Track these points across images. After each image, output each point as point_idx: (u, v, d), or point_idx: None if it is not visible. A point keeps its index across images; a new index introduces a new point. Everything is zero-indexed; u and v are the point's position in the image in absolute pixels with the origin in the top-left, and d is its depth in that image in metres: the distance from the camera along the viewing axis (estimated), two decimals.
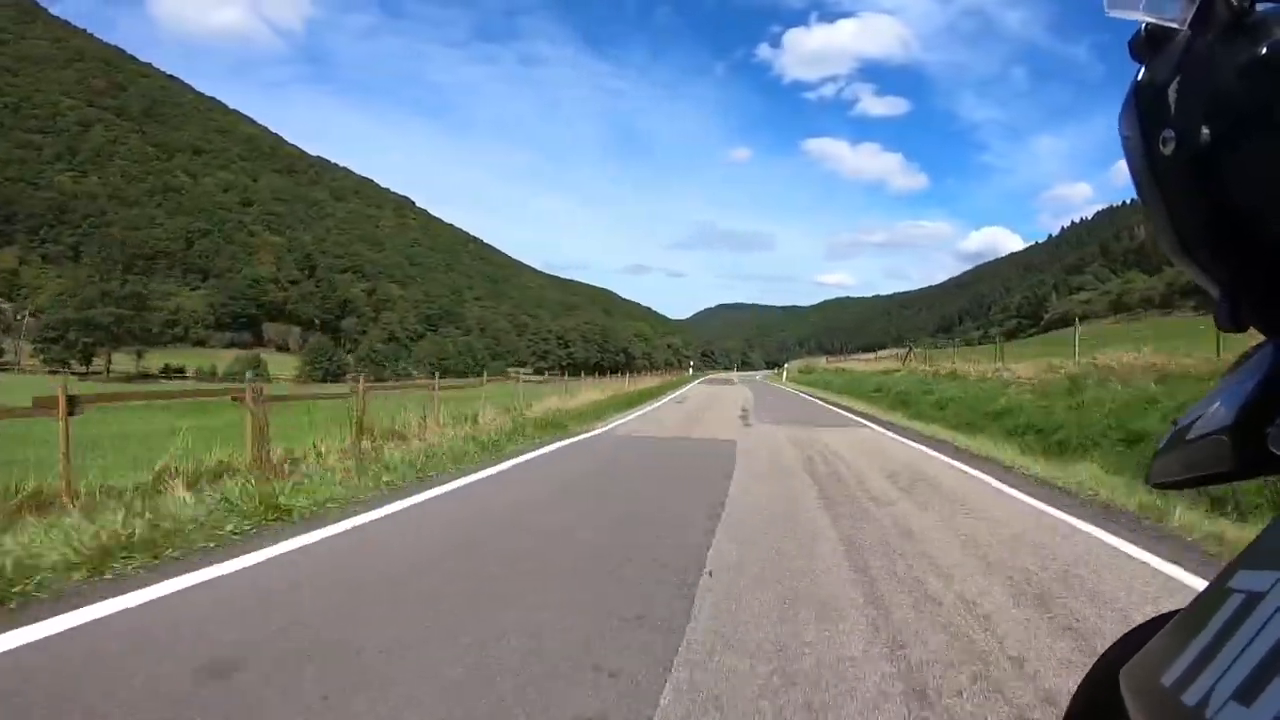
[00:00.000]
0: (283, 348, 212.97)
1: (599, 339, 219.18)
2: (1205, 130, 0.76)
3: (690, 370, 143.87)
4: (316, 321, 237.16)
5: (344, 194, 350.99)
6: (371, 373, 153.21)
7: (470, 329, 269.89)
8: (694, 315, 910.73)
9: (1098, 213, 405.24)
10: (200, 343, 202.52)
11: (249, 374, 57.18)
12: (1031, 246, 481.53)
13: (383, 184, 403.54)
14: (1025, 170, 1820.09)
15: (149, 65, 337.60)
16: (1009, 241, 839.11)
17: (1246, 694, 0.61)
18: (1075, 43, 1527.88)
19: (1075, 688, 1.15)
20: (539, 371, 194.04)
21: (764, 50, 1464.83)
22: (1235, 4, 0.75)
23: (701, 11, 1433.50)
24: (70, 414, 7.42)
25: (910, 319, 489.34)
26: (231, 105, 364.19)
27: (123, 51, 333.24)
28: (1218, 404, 0.85)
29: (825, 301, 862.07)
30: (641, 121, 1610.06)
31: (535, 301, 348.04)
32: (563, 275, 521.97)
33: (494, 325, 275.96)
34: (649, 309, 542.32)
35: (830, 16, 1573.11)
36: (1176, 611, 0.87)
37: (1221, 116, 0.76)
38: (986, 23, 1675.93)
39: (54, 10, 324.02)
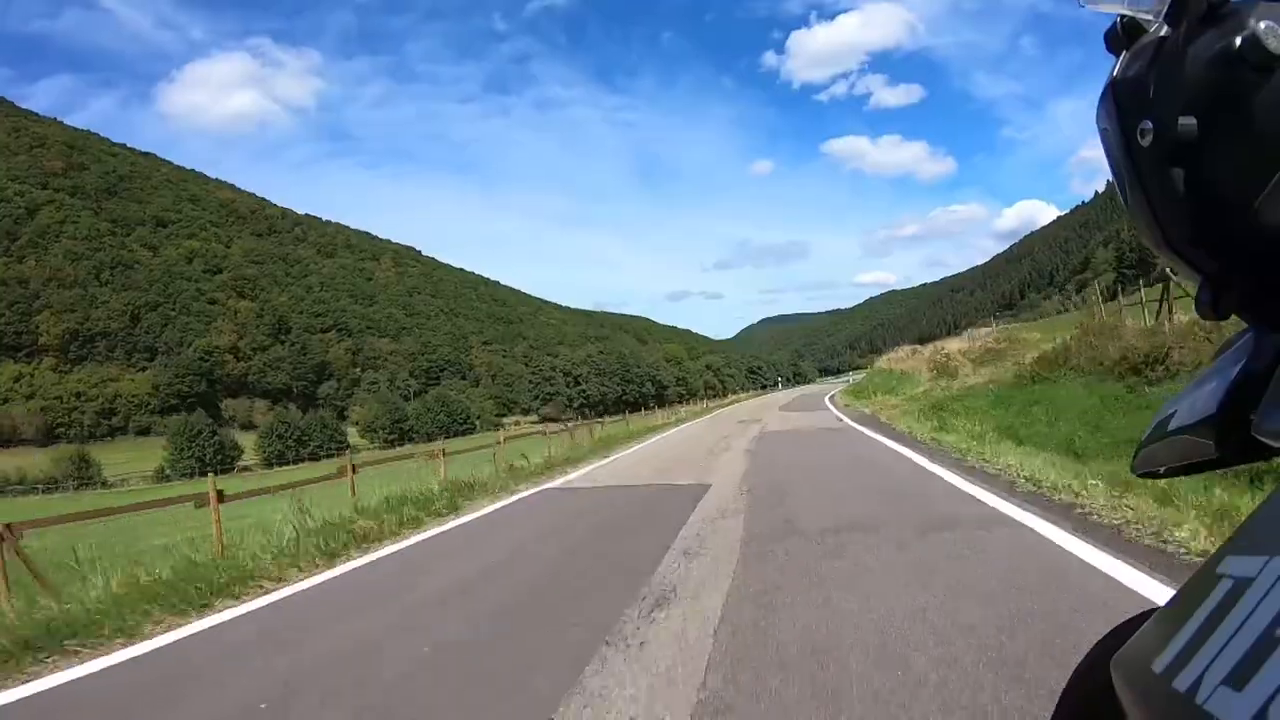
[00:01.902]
0: (249, 426, 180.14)
1: (619, 369, 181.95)
2: (1182, 121, 0.76)
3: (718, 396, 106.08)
4: (294, 389, 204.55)
5: (333, 249, 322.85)
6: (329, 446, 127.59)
7: (479, 378, 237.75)
8: (738, 333, 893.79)
9: None
10: (145, 431, 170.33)
11: None
12: (1077, 208, 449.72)
13: (381, 234, 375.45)
14: (1049, 138, 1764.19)
15: (121, 145, 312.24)
16: (1044, 213, 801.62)
17: (1238, 678, 0.61)
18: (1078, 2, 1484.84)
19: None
20: (547, 419, 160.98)
21: (770, 58, 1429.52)
22: None
23: (703, 30, 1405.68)
24: None
25: (963, 302, 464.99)
26: (236, 181, 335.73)
27: (94, 134, 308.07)
28: (1201, 392, 0.85)
29: (870, 300, 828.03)
30: (662, 149, 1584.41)
31: (555, 338, 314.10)
32: (588, 309, 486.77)
33: (506, 370, 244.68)
34: (689, 332, 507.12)
35: (829, 14, 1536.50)
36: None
37: (1198, 107, 0.76)
38: None
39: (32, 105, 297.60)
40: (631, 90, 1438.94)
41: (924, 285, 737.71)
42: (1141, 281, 30.07)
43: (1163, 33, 0.82)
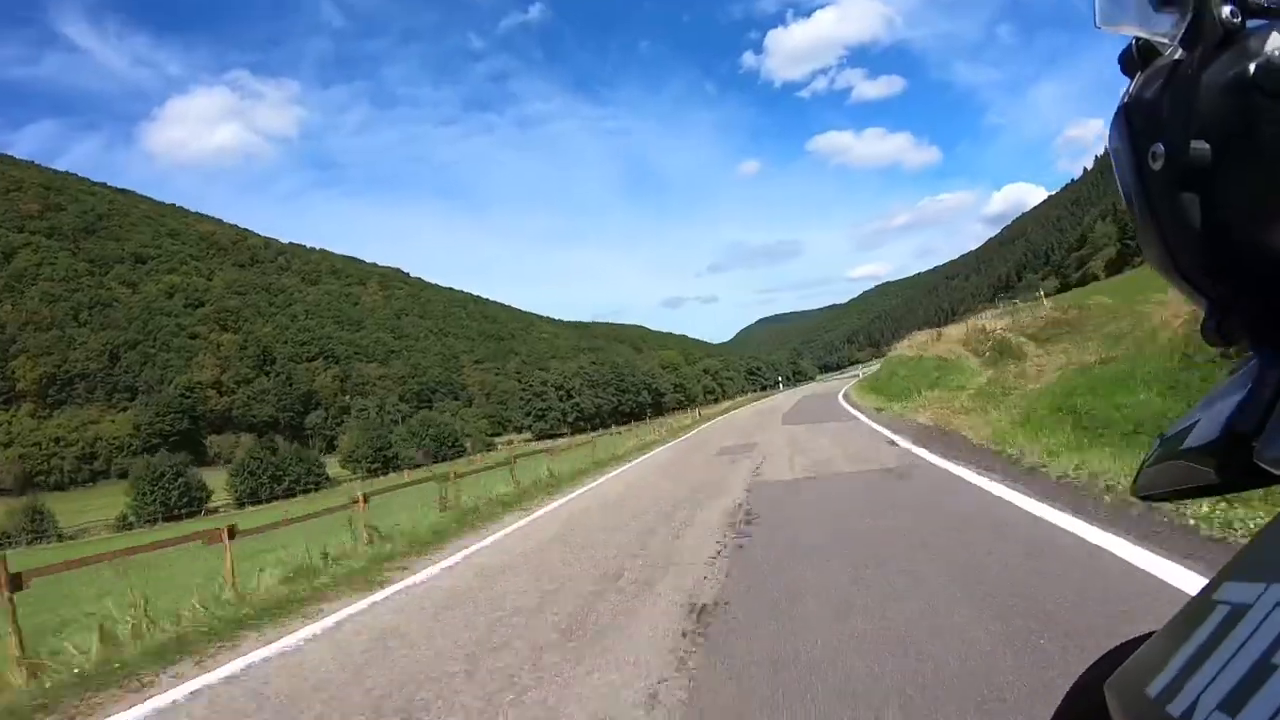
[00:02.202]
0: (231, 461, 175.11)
1: (613, 380, 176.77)
2: (1194, 146, 0.75)
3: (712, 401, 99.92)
4: (281, 421, 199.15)
5: (317, 276, 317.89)
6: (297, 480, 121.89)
7: (473, 397, 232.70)
8: (735, 336, 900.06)
9: None
10: (125, 474, 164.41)
11: None
12: (1067, 186, 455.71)
13: (368, 259, 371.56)
14: (1032, 121, 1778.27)
15: (100, 184, 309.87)
16: (1032, 195, 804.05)
17: (1232, 705, 0.61)
18: None
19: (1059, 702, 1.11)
20: (543, 435, 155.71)
21: (749, 59, 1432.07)
22: (1226, 21, 0.74)
23: (681, 35, 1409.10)
24: None
25: (959, 288, 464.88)
26: (219, 214, 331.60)
27: (71, 175, 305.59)
28: (1204, 417, 0.84)
29: (864, 293, 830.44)
30: (648, 158, 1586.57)
31: (549, 352, 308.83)
32: (583, 321, 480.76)
33: (500, 387, 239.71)
34: (686, 338, 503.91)
35: (806, 10, 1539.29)
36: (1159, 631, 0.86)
37: (1210, 133, 0.74)
38: None
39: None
40: (613, 101, 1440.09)
41: (918, 275, 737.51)
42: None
43: (1178, 56, 0.81)
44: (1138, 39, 0.88)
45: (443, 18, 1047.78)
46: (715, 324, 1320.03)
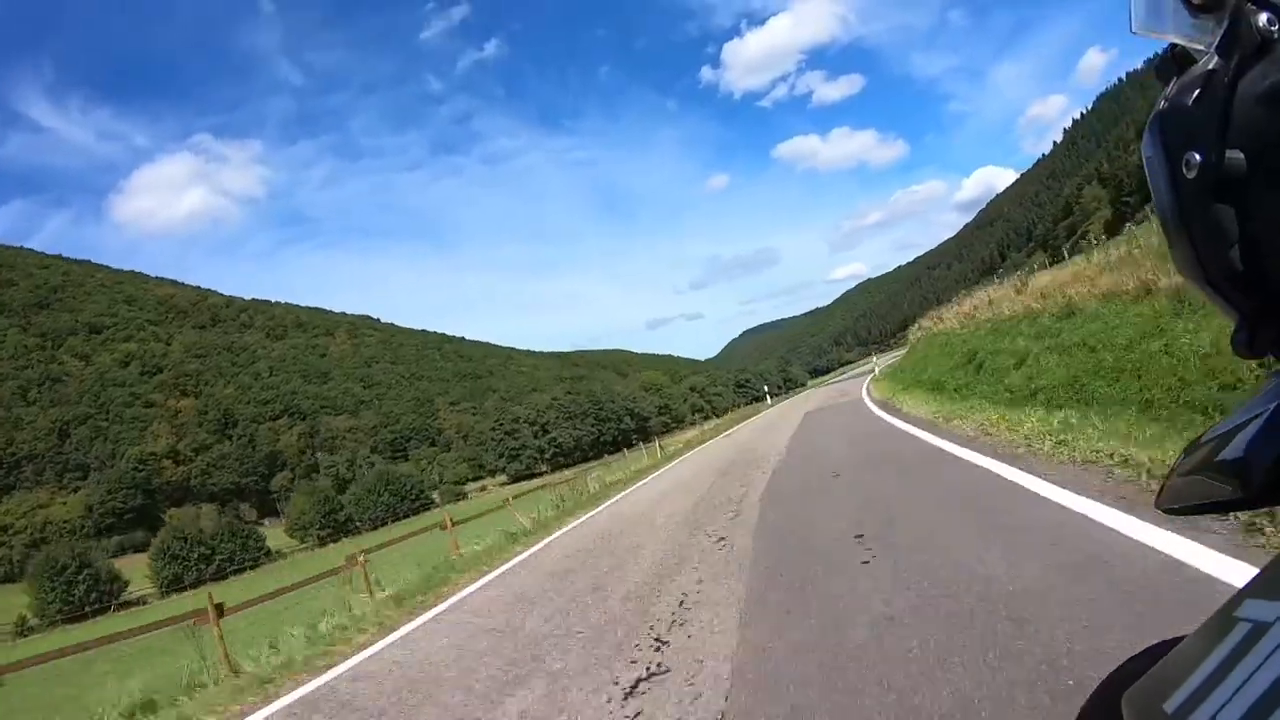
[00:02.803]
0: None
1: (591, 409, 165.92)
2: (1229, 155, 0.74)
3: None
4: (243, 487, 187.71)
5: (283, 331, 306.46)
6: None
7: (450, 441, 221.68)
8: (722, 350, 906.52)
9: (1099, 95, 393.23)
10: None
11: None
12: (1039, 161, 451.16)
13: (336, 309, 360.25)
14: (994, 104, 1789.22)
15: (55, 256, 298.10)
16: (1002, 177, 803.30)
17: None
18: None
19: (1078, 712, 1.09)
20: (520, 476, 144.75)
21: (707, 73, 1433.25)
22: (1263, 30, 0.73)
23: (637, 58, 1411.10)
24: None
25: (941, 278, 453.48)
26: (189, 278, 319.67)
27: (25, 250, 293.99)
28: (1232, 431, 0.83)
29: (846, 294, 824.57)
30: (619, 183, 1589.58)
31: (529, 385, 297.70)
32: (566, 350, 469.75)
33: (478, 429, 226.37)
34: (672, 357, 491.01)
35: (759, 19, 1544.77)
36: (1178, 638, 0.86)
37: (1245, 142, 0.73)
38: None
39: None
40: (579, 130, 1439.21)
41: (898, 269, 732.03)
42: (1148, 207, 15.60)
43: (1213, 64, 0.80)
44: (1173, 45, 0.86)
45: (401, 65, 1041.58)
46: (701, 341, 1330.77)
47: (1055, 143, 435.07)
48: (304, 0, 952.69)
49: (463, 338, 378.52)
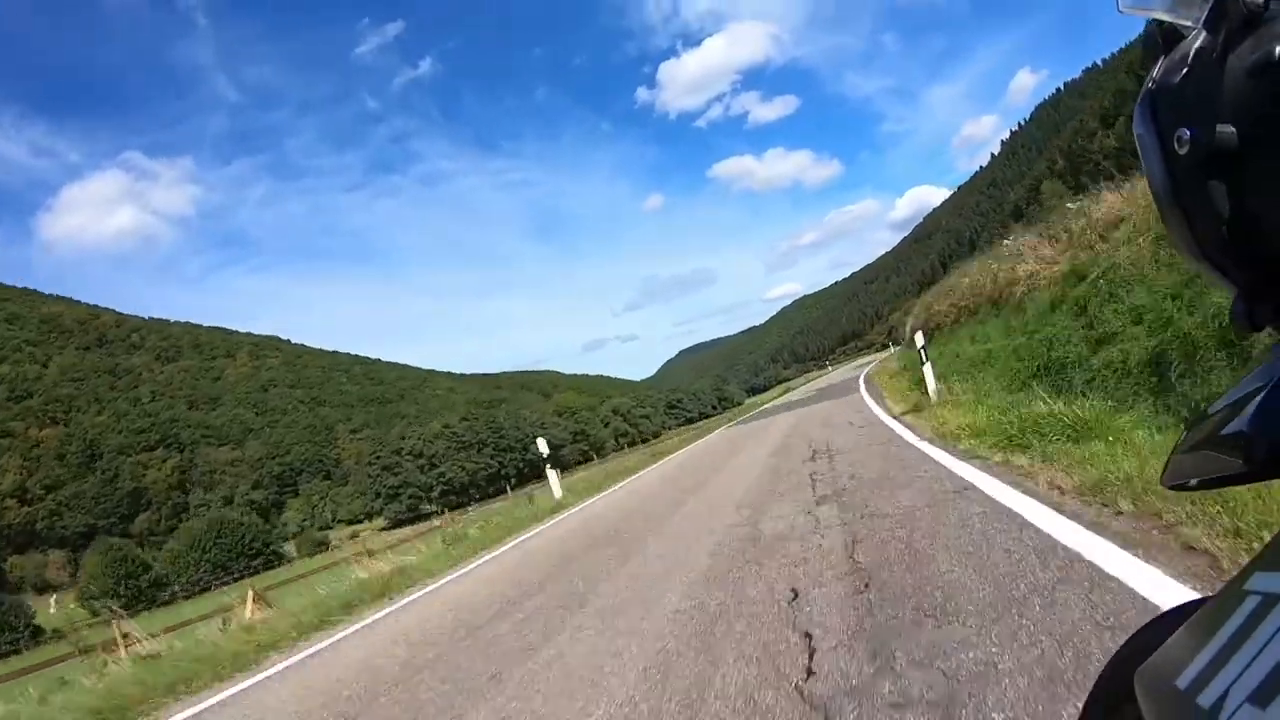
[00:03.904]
0: (43, 587, 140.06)
1: (491, 437, 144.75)
2: (1220, 130, 0.74)
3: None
4: (100, 529, 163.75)
5: (176, 352, 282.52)
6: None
7: (348, 474, 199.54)
8: (659, 370, 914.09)
9: (1038, 106, 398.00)
10: None
11: None
12: (978, 174, 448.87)
13: (242, 328, 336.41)
14: (928, 124, 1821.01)
15: None
16: (935, 196, 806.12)
17: (1263, 696, 0.59)
18: None
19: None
20: (400, 521, 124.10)
21: (643, 94, 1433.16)
22: (1250, 3, 0.73)
23: (574, 79, 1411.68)
24: None
25: (879, 291, 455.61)
26: (103, 300, 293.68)
27: None
28: (1234, 405, 0.82)
29: (783, 310, 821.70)
30: (555, 204, 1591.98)
31: (442, 409, 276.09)
32: (490, 372, 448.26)
33: (390, 457, 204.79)
34: (604, 378, 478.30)
35: (695, 40, 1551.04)
36: (1186, 606, 0.88)
37: (1236, 116, 0.74)
38: (845, 0, 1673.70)
39: None
40: (516, 153, 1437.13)
41: (834, 285, 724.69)
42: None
43: (1201, 40, 0.80)
44: (1160, 23, 0.86)
45: (332, 82, 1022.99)
46: (637, 362, 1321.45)
47: (993, 154, 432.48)
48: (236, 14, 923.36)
49: (378, 359, 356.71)
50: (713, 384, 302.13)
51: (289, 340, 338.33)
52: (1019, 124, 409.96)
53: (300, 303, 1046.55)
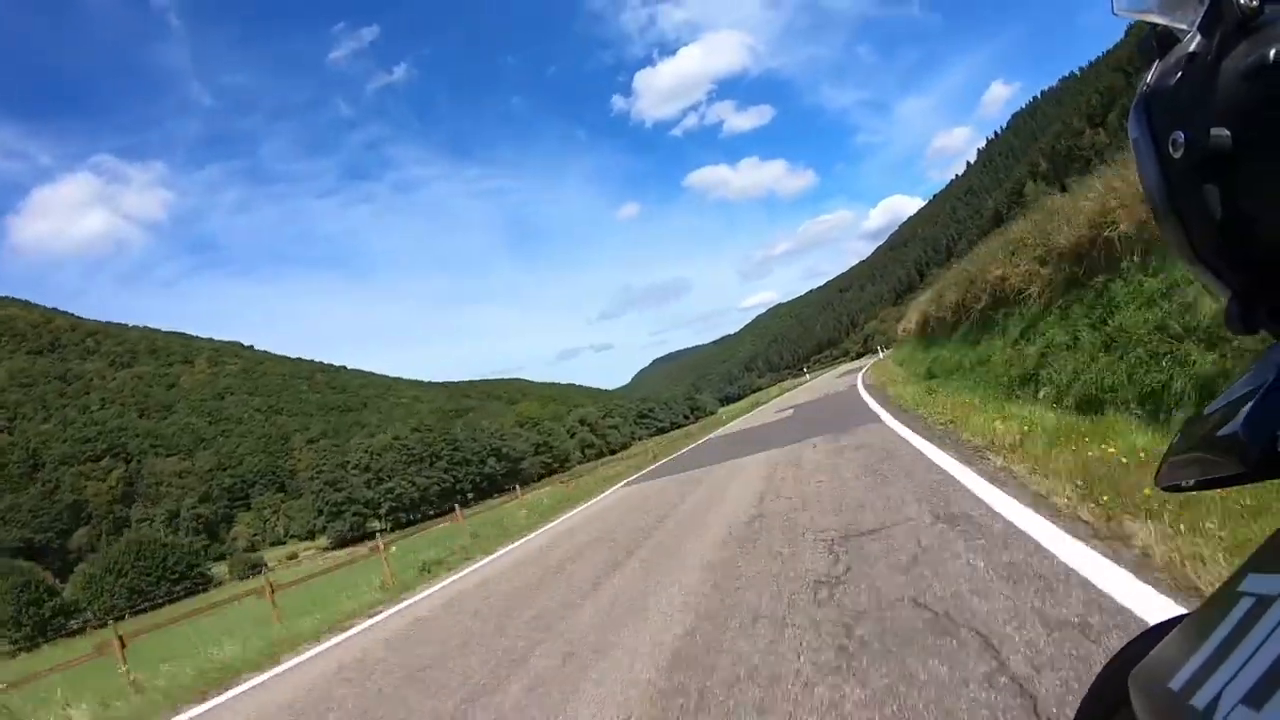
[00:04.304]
0: None
1: (445, 450, 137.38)
2: (1214, 133, 0.74)
3: None
4: (36, 544, 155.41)
5: (132, 358, 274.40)
6: None
7: (302, 486, 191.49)
8: (633, 379, 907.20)
9: (1014, 114, 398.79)
10: None
11: None
12: (953, 182, 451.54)
13: (203, 334, 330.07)
14: (902, 135, 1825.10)
15: None
16: (909, 206, 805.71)
17: (1256, 698, 0.60)
18: (904, 3, 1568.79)
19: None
20: (344, 541, 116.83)
21: (619, 102, 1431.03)
22: (1244, 6, 0.73)
23: (549, 86, 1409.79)
24: None
25: (855, 299, 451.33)
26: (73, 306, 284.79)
27: None
28: (1228, 406, 0.82)
29: (757, 319, 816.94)
30: (530, 212, 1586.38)
31: (406, 418, 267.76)
32: (458, 380, 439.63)
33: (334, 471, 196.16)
34: (575, 387, 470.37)
35: (671, 49, 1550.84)
36: (1183, 616, 0.86)
37: (1231, 120, 0.73)
38: (821, 12, 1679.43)
39: None
40: (492, 160, 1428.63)
41: (809, 293, 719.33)
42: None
43: (1196, 43, 0.80)
44: (1156, 25, 0.86)
45: (310, 89, 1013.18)
46: (611, 371, 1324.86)
47: (969, 163, 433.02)
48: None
49: (343, 366, 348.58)
50: (685, 393, 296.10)
51: (252, 346, 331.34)
52: (995, 132, 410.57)
53: (270, 309, 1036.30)
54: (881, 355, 64.69)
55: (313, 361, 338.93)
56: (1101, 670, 1.08)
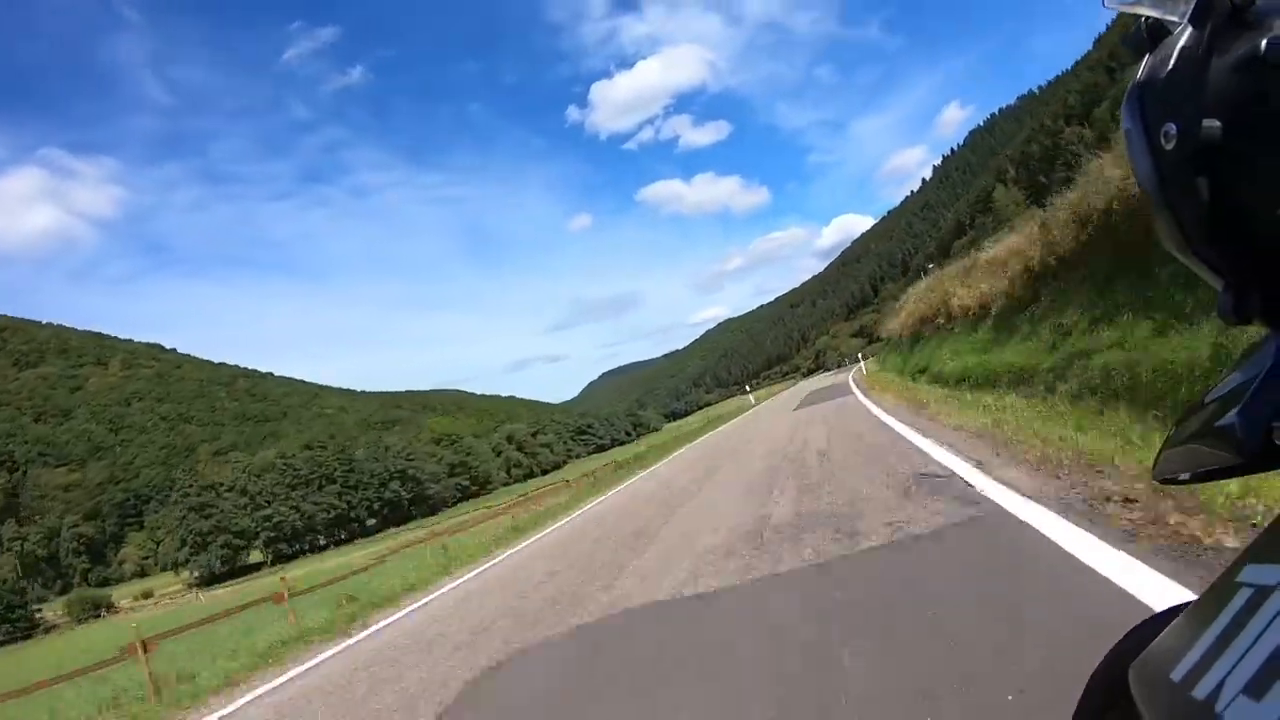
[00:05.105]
0: None
1: (339, 471, 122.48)
2: (1205, 124, 0.74)
3: None
4: None
5: (39, 358, 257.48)
6: None
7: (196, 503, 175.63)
8: (581, 392, 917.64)
9: (972, 131, 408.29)
10: None
11: None
12: (909, 197, 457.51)
13: (123, 334, 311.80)
14: (856, 155, 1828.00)
15: None
16: (860, 225, 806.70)
17: (1257, 688, 0.60)
18: (864, 26, 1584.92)
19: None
20: (214, 576, 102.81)
21: (574, 112, 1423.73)
22: None
23: (508, 96, 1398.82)
24: None
25: (806, 314, 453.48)
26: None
27: None
28: (1224, 398, 0.82)
29: (706, 333, 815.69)
30: (482, 221, 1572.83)
31: (330, 430, 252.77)
32: (390, 389, 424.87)
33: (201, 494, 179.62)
34: (516, 399, 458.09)
35: (629, 62, 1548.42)
36: (1184, 605, 0.86)
37: (1222, 110, 0.74)
38: (782, 31, 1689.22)
39: None
40: (445, 166, 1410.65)
41: (760, 308, 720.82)
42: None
43: (1187, 35, 0.80)
44: (1147, 18, 0.87)
45: (263, 89, 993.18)
46: (562, 383, 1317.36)
47: (924, 180, 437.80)
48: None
49: (270, 373, 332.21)
50: (628, 408, 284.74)
51: (174, 350, 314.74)
52: (952, 149, 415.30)
53: (210, 313, 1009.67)
54: (862, 364, 61.71)
55: (235, 367, 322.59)
56: (1102, 661, 1.07)
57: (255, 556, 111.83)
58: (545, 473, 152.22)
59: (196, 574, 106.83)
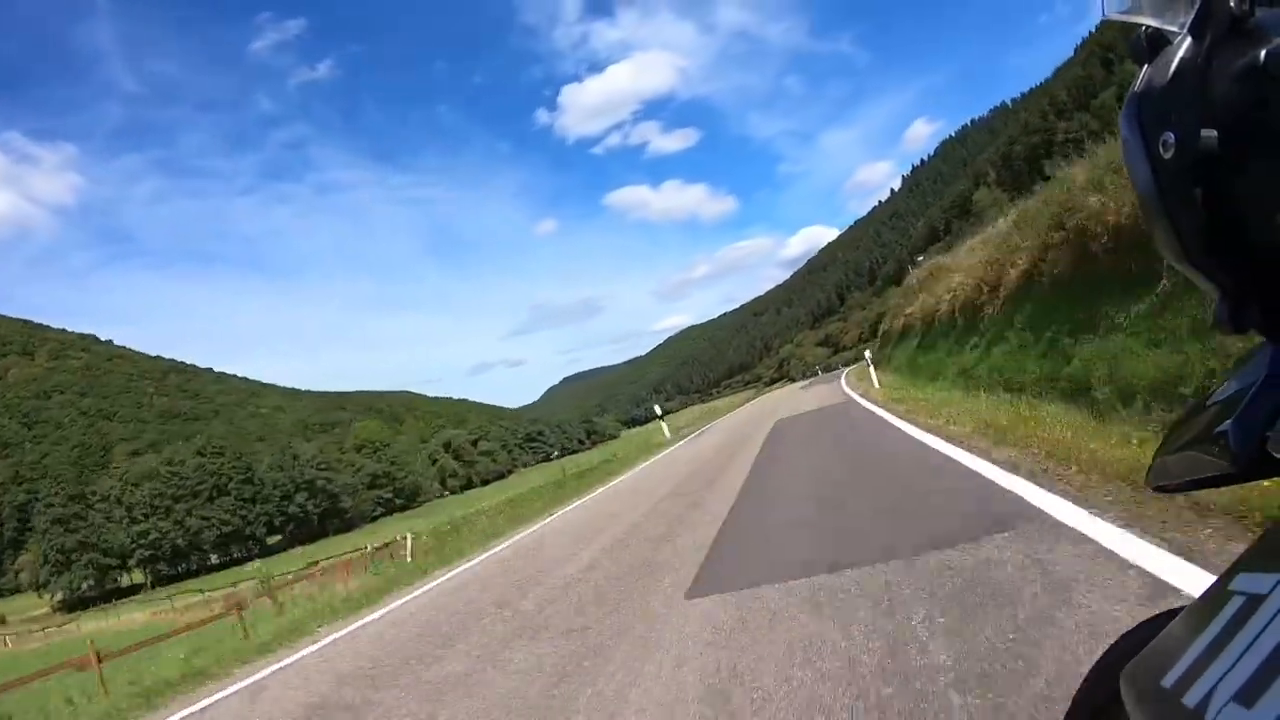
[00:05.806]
0: None
1: (234, 483, 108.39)
2: (1204, 134, 0.75)
3: None
4: None
5: None
6: None
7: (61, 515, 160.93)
8: (542, 397, 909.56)
9: (943, 141, 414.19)
10: None
11: None
12: (878, 206, 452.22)
13: (55, 324, 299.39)
14: (824, 167, 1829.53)
15: None
16: (826, 236, 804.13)
17: (1248, 696, 0.60)
18: (835, 39, 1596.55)
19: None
20: (82, 600, 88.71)
21: (542, 115, 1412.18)
22: (1235, 8, 0.74)
23: (475, 97, 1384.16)
24: None
25: (771, 323, 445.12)
26: None
27: None
28: (1218, 407, 0.83)
29: (669, 340, 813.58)
30: (445, 221, 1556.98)
31: (262, 430, 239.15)
32: (335, 390, 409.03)
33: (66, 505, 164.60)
34: (468, 402, 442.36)
35: (599, 66, 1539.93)
36: (1176, 611, 0.87)
37: (1220, 121, 0.74)
38: (755, 41, 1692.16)
39: None
40: (410, 167, 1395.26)
41: (723, 316, 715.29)
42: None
43: (1186, 45, 0.81)
44: (1147, 28, 0.87)
45: (238, 82, 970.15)
46: (523, 388, 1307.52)
47: (893, 190, 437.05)
48: None
49: (208, 369, 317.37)
50: (582, 415, 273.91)
51: (109, 341, 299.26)
52: (922, 160, 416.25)
53: (158, 307, 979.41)
54: (872, 372, 54.29)
55: (169, 361, 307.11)
56: (1093, 666, 1.08)
57: (138, 577, 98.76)
58: (486, 483, 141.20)
59: (59, 596, 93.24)
